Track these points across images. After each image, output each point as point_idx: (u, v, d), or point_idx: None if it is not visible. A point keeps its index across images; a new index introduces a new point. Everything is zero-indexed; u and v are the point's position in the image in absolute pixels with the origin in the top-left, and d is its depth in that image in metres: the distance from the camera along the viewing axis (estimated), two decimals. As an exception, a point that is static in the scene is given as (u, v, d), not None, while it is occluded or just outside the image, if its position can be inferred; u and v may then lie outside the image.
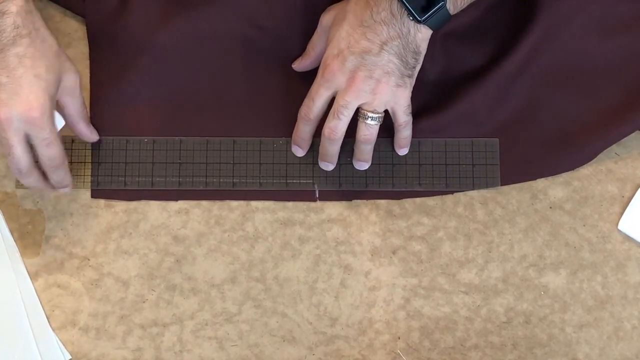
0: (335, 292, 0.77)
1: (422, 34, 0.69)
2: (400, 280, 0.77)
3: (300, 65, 0.77)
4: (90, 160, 0.77)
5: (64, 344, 0.75)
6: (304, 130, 0.74)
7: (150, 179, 0.77)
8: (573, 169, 0.78)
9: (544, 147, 0.78)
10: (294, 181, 0.77)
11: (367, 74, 0.68)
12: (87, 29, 0.79)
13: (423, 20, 0.67)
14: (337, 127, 0.71)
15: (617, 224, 0.78)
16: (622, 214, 0.78)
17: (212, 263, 0.77)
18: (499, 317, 0.76)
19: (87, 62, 0.79)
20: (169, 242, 0.77)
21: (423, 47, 0.70)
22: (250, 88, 0.79)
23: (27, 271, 0.76)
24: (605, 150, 0.78)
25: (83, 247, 0.77)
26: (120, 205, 0.77)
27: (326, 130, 0.72)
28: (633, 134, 0.78)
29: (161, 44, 0.78)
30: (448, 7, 0.68)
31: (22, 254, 0.76)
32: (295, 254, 0.77)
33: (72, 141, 0.77)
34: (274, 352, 0.76)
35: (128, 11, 0.78)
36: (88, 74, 0.79)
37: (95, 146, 0.77)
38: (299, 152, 0.76)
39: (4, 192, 0.77)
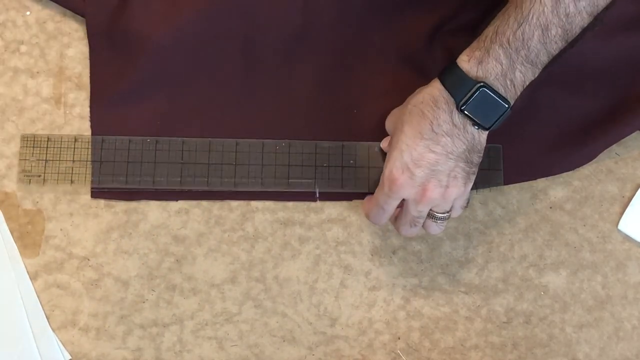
0: (335, 292, 0.76)
1: (485, 134, 0.67)
2: (400, 280, 0.77)
3: (385, 146, 0.74)
4: (91, 160, 0.77)
5: (63, 344, 0.75)
6: (375, 223, 0.74)
7: (152, 179, 0.77)
8: (573, 169, 0.78)
9: (544, 147, 0.78)
10: (296, 181, 0.77)
11: (437, 184, 0.67)
12: (87, 29, 0.79)
13: (489, 128, 0.66)
14: (413, 233, 0.71)
15: (617, 224, 0.78)
16: (622, 214, 0.78)
17: (212, 263, 0.77)
18: (499, 317, 0.76)
19: (87, 62, 0.79)
20: (169, 242, 0.77)
21: (484, 142, 0.68)
22: (250, 88, 0.79)
23: (27, 271, 0.76)
24: (605, 150, 0.78)
25: (83, 247, 0.76)
26: (120, 205, 0.77)
27: (401, 232, 0.72)
28: (633, 134, 0.78)
29: (161, 44, 0.78)
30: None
31: (22, 254, 0.76)
32: (295, 254, 0.77)
33: (75, 140, 0.77)
34: (274, 352, 0.76)
35: (128, 11, 0.78)
36: (88, 74, 0.79)
37: (97, 146, 0.77)
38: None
39: (4, 192, 0.77)
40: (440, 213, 0.70)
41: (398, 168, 0.67)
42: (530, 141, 0.78)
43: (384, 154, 0.75)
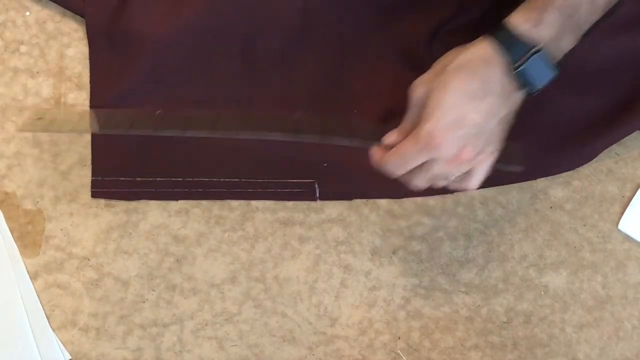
0: (335, 292, 0.76)
1: (520, 101, 0.66)
2: (401, 280, 0.77)
3: (393, 140, 0.67)
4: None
5: (64, 344, 0.75)
6: (389, 173, 0.68)
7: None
8: (573, 169, 0.78)
9: (544, 147, 0.78)
10: (301, 134, 0.75)
11: (474, 147, 0.64)
12: (87, 29, 0.79)
13: (534, 93, 0.64)
14: (425, 186, 0.66)
15: (617, 224, 0.78)
16: (622, 214, 0.78)
17: (212, 263, 0.77)
18: (499, 317, 0.76)
19: (87, 62, 0.79)
20: (169, 242, 0.77)
21: None
22: (250, 88, 0.79)
23: (27, 271, 0.76)
24: (605, 150, 0.78)
25: (83, 247, 0.76)
26: (120, 205, 0.77)
27: (414, 184, 0.66)
28: (633, 134, 0.78)
29: (161, 44, 0.78)
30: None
31: (22, 254, 0.76)
32: (295, 253, 0.77)
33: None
34: (274, 352, 0.75)
35: (128, 11, 0.78)
36: (88, 74, 0.79)
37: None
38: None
39: (4, 192, 0.77)
40: (457, 174, 0.66)
41: (440, 128, 0.62)
42: (530, 141, 0.78)
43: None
